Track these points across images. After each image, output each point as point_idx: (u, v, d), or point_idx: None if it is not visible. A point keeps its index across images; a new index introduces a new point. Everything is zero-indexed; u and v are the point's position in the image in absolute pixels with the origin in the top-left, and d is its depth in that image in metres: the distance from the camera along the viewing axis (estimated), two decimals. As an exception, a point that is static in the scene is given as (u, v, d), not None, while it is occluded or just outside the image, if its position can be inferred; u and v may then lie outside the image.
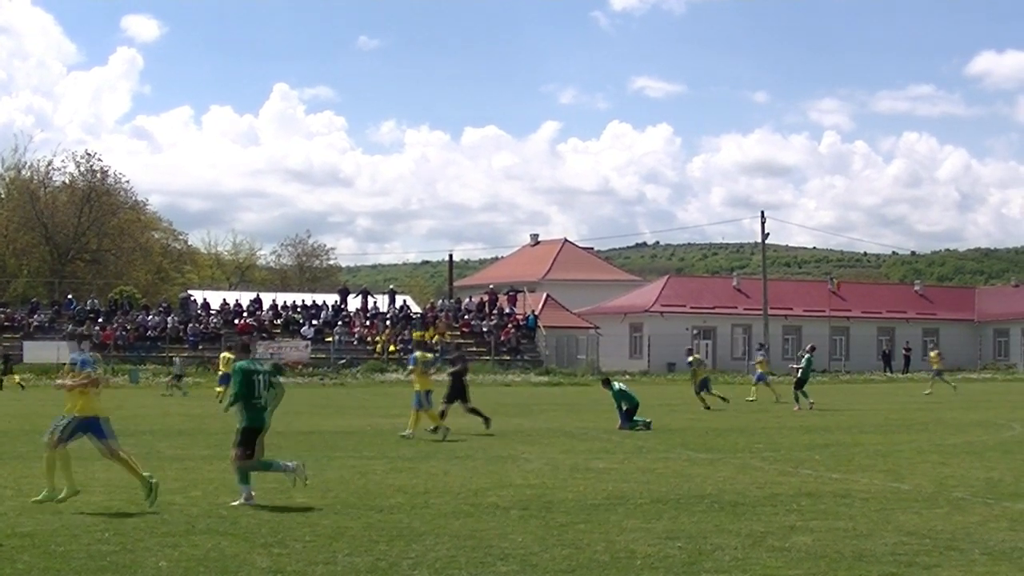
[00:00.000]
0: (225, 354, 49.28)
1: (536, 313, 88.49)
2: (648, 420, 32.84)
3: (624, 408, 33.29)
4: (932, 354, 61.66)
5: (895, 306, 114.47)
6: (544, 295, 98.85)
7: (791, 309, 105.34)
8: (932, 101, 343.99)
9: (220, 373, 48.54)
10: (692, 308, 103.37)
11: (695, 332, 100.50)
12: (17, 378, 58.35)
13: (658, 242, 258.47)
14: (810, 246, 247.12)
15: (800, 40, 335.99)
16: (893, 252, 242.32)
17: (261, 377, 17.20)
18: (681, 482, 19.64)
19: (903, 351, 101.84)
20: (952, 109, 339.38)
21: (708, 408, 41.47)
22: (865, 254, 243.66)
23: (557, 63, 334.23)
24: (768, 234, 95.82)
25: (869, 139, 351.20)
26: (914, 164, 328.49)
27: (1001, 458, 23.74)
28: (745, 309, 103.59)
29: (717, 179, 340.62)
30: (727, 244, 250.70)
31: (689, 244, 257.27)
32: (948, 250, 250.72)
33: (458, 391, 31.91)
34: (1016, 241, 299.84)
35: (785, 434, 30.95)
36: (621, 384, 35.39)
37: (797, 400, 42.61)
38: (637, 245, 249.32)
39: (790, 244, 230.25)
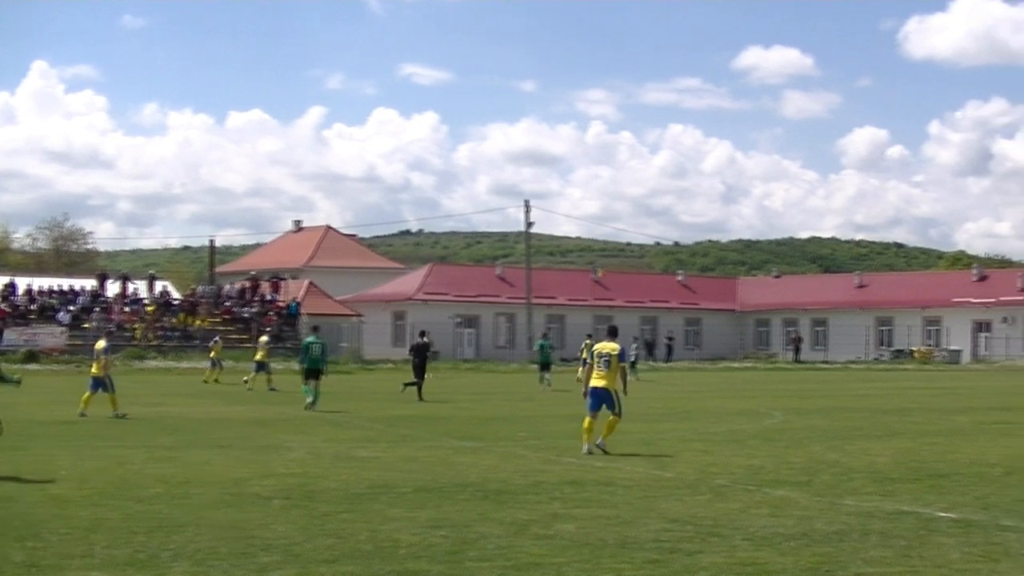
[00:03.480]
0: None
1: (298, 300, 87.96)
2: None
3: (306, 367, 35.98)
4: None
5: (658, 296, 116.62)
6: (307, 282, 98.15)
7: (555, 298, 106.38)
8: (698, 94, 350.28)
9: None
10: (455, 296, 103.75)
11: (458, 320, 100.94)
12: None
13: (422, 230, 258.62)
14: (575, 236, 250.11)
15: (569, 30, 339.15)
16: (657, 242, 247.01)
17: None
18: (445, 471, 19.67)
19: (665, 340, 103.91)
20: (718, 102, 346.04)
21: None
22: (629, 244, 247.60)
23: (324, 47, 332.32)
24: (533, 223, 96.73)
25: (635, 130, 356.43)
26: (680, 156, 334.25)
27: (762, 446, 24.27)
28: (509, 298, 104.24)
29: (483, 167, 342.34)
30: (492, 233, 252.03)
31: (454, 232, 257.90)
32: (711, 241, 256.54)
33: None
34: (778, 233, 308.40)
35: (549, 422, 31.24)
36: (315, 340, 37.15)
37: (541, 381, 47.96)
38: (401, 233, 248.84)
39: (555, 233, 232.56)
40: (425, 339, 44.29)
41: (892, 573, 11.43)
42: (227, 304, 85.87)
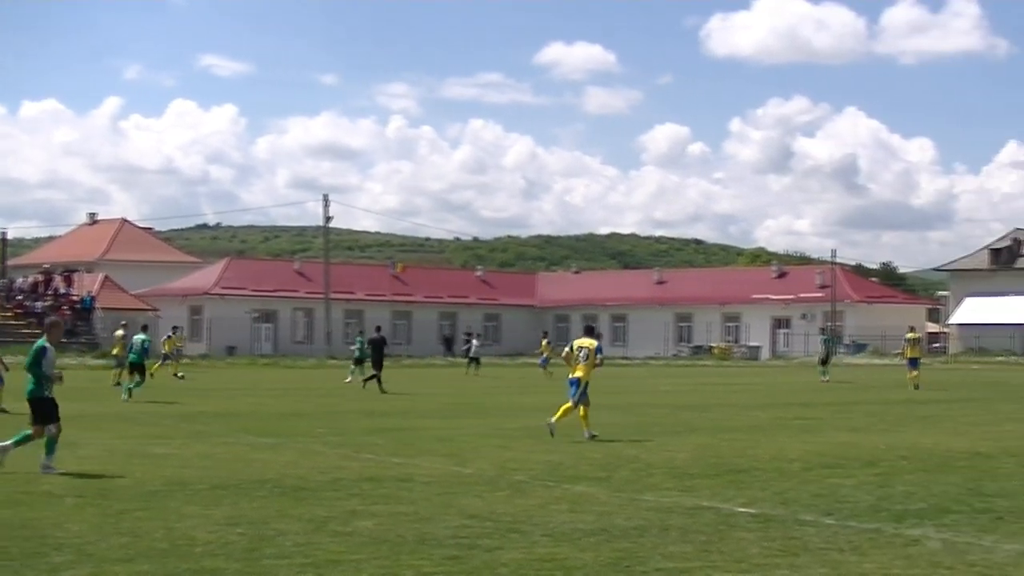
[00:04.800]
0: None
1: (93, 294, 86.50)
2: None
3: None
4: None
5: (457, 291, 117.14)
6: (101, 276, 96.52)
7: (353, 293, 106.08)
8: (500, 89, 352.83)
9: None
10: (253, 291, 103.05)
11: (256, 315, 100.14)
12: None
13: (220, 224, 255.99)
14: (374, 230, 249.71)
15: (370, 23, 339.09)
16: (457, 238, 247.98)
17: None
18: (242, 467, 19.43)
19: (464, 336, 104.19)
20: (520, 97, 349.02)
21: None
22: (429, 239, 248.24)
23: (122, 37, 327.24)
24: (331, 217, 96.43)
25: (436, 125, 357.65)
26: (480, 151, 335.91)
27: (560, 441, 24.21)
28: (307, 293, 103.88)
29: (282, 161, 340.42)
30: (290, 227, 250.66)
31: (252, 226, 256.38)
32: (511, 236, 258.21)
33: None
34: (578, 228, 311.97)
35: (348, 418, 31.13)
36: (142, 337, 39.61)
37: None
38: (199, 226, 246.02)
39: (354, 228, 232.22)
40: (381, 334, 47.80)
41: (692, 568, 11.49)
42: (19, 298, 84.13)
